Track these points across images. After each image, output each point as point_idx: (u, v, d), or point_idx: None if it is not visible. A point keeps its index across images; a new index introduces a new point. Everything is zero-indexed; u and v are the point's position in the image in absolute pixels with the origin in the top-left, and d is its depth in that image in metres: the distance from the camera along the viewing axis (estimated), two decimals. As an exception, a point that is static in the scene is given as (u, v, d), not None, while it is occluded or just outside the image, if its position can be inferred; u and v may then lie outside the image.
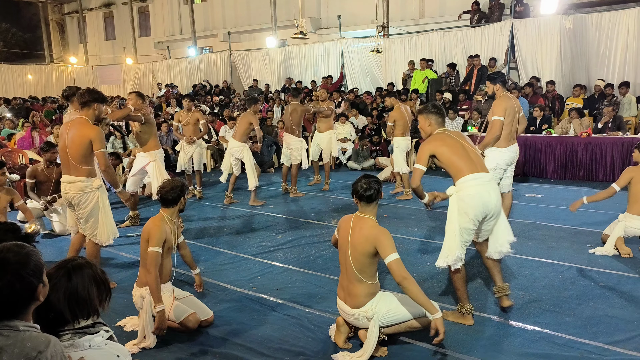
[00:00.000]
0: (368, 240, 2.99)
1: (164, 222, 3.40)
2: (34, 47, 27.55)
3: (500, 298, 3.60)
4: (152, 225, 3.37)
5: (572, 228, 5.70)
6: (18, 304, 1.62)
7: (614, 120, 8.65)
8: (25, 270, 1.61)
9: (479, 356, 3.05)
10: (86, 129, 4.05)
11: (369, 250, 2.99)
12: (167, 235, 3.37)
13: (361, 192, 3.06)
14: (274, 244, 5.44)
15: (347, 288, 3.11)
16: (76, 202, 4.15)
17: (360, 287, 3.05)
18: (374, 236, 2.98)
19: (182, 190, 3.46)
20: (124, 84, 19.95)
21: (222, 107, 13.74)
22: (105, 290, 1.86)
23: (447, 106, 10.66)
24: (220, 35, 19.76)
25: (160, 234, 3.31)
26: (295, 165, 7.77)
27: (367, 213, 3.11)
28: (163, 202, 3.45)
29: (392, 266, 2.92)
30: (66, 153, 4.12)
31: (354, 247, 3.04)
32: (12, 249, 1.64)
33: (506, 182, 5.26)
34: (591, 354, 3.05)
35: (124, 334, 3.44)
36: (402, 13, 15.87)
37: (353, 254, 3.04)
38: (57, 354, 1.56)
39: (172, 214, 3.48)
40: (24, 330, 1.58)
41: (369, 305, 3.04)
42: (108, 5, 24.77)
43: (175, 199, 3.45)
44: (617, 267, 4.48)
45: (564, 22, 10.36)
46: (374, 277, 3.11)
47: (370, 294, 3.07)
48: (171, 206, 3.46)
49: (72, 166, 4.10)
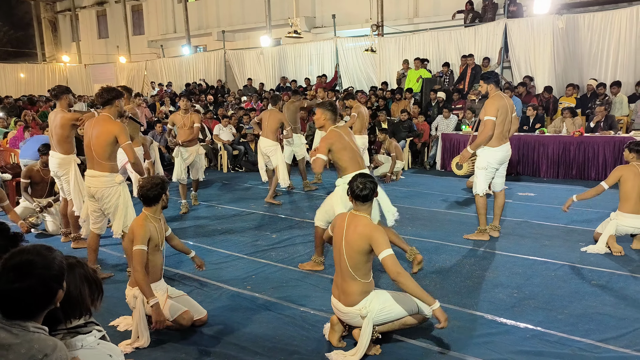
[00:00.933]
0: (363, 237, 3.01)
1: (148, 221, 3.40)
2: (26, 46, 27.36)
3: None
4: (135, 225, 3.39)
5: (565, 226, 5.73)
6: (36, 306, 1.62)
7: (606, 119, 8.71)
8: (49, 275, 1.61)
9: (472, 354, 3.07)
10: (110, 126, 4.32)
11: (363, 247, 3.02)
12: (152, 233, 3.38)
13: (357, 191, 3.09)
14: (268, 243, 5.43)
15: (341, 286, 3.13)
16: (99, 196, 4.40)
17: (354, 285, 3.07)
18: (369, 233, 3.01)
19: (162, 188, 3.45)
20: (117, 83, 19.84)
21: (216, 106, 13.70)
22: (97, 290, 1.86)
23: (441, 105, 10.71)
24: (214, 34, 19.69)
25: (144, 232, 3.31)
26: (300, 160, 7.85)
27: (362, 211, 3.14)
28: (144, 200, 3.45)
29: (386, 262, 2.95)
30: (91, 149, 4.38)
31: (348, 244, 3.06)
32: (40, 252, 1.64)
33: (499, 181, 5.29)
34: (583, 351, 3.07)
35: (118, 334, 3.43)
36: (396, 12, 15.89)
37: (348, 251, 3.06)
38: (62, 359, 1.56)
39: (155, 211, 3.48)
40: (33, 332, 1.58)
41: (362, 303, 3.06)
42: (101, 4, 24.61)
43: (157, 197, 3.44)
44: (609, 265, 4.51)
45: (556, 21, 10.41)
46: (368, 275, 3.12)
47: (364, 292, 3.08)
48: (153, 204, 3.46)
49: (95, 162, 4.37)
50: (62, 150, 5.40)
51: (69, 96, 5.49)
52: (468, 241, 5.29)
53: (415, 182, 8.83)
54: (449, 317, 3.00)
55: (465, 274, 4.39)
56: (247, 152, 10.68)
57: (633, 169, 4.83)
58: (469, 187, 7.51)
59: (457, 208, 6.84)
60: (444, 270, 4.48)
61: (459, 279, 4.27)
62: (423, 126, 10.46)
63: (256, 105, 13.29)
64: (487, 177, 5.18)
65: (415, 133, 10.34)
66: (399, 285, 2.99)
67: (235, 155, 10.76)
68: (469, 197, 7.22)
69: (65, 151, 5.40)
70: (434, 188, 8.20)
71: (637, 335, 3.25)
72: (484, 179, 5.17)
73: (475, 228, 5.47)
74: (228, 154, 10.65)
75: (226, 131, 10.95)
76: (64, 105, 5.38)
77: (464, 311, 3.64)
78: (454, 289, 4.05)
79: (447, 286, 4.13)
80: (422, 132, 10.38)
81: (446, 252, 4.97)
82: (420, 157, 10.51)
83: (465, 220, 6.14)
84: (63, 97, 5.33)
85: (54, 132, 5.49)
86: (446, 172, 9.51)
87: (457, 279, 4.27)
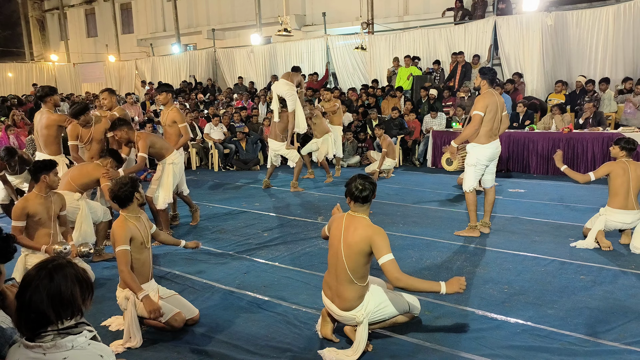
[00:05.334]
0: (364, 239, 2.94)
1: (127, 221, 3.39)
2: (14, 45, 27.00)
3: None
4: (114, 227, 3.38)
5: (555, 222, 5.79)
6: None
7: (595, 115, 8.79)
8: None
9: (463, 349, 3.09)
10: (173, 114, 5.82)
11: (364, 249, 2.95)
12: (133, 232, 3.36)
13: (356, 193, 3.02)
14: (259, 241, 5.43)
15: (335, 289, 3.08)
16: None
17: (350, 290, 3.02)
18: (370, 235, 2.94)
19: (132, 186, 3.43)
20: (107, 82, 19.69)
21: (206, 105, 13.65)
22: (88, 289, 1.85)
23: (432, 103, 10.75)
24: (204, 32, 19.60)
25: (124, 232, 3.30)
26: (299, 161, 7.96)
27: (360, 212, 3.08)
28: (118, 202, 3.44)
29: (386, 267, 2.90)
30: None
31: (348, 246, 2.98)
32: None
33: (489, 177, 5.32)
34: (572, 345, 3.11)
35: (110, 334, 3.42)
36: (387, 10, 15.93)
37: (347, 253, 2.97)
38: None
39: (132, 210, 3.46)
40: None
41: (359, 309, 3.02)
42: (89, 2, 24.37)
43: (128, 196, 3.42)
44: (598, 260, 4.56)
45: (545, 19, 10.49)
46: (365, 278, 3.08)
47: (360, 297, 3.05)
48: (128, 204, 3.44)
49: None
50: (49, 152, 5.37)
51: (55, 97, 5.47)
52: (459, 238, 5.33)
53: (406, 179, 8.87)
54: (440, 313, 3.03)
55: (456, 270, 4.42)
56: (238, 151, 10.66)
57: (622, 166, 4.88)
58: (460, 184, 7.54)
59: (447, 205, 6.88)
60: (435, 267, 4.51)
61: (450, 276, 4.26)
62: (414, 124, 10.50)
63: (247, 103, 13.26)
64: (476, 174, 5.22)
65: (406, 131, 10.38)
66: (402, 288, 2.97)
67: (227, 154, 10.74)
68: (460, 194, 7.26)
69: (52, 152, 5.37)
70: (425, 185, 8.24)
71: (625, 329, 3.29)
72: (474, 175, 5.21)
73: (465, 225, 5.50)
74: (219, 152, 10.62)
75: (217, 130, 10.92)
76: (49, 106, 5.39)
77: (455, 307, 3.66)
78: (445, 285, 4.07)
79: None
80: (413, 130, 10.42)
81: (437, 249, 5.00)
82: (411, 154, 10.55)
83: (456, 216, 6.18)
84: (48, 99, 5.35)
85: (39, 133, 5.46)
86: (437, 169, 9.56)
87: (448, 276, 4.29)
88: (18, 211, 4.08)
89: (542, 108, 10.13)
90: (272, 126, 7.92)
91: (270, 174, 8.34)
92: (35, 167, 4.22)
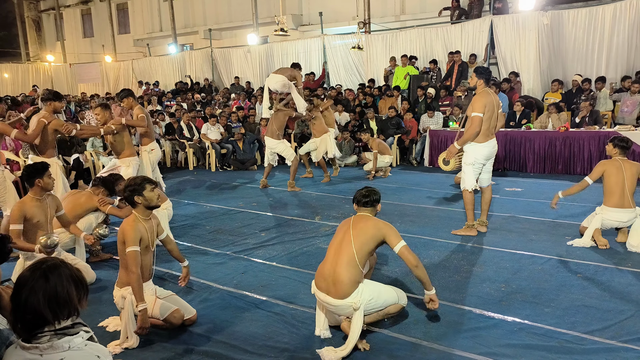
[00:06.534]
0: (375, 226, 3.23)
1: (137, 221, 3.39)
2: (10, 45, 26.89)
3: None
4: (125, 226, 3.37)
5: (551, 221, 5.80)
6: None
7: (591, 114, 8.82)
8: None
9: (460, 348, 3.09)
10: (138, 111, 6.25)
11: (376, 234, 3.21)
12: (142, 233, 3.36)
13: (360, 198, 3.39)
14: (257, 241, 5.43)
15: (332, 276, 3.14)
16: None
17: (349, 273, 3.11)
18: (381, 226, 3.23)
19: (132, 190, 3.41)
20: (103, 82, 19.64)
21: (203, 105, 13.63)
22: (83, 289, 1.84)
23: (429, 102, 10.77)
24: (201, 32, 19.56)
25: (134, 233, 3.30)
26: (294, 160, 7.99)
27: (367, 213, 3.38)
28: (129, 202, 3.48)
29: (403, 252, 3.19)
30: None
31: (361, 231, 3.21)
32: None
33: (485, 176, 5.33)
34: (569, 343, 3.12)
35: (107, 334, 3.41)
36: (383, 9, 15.93)
37: (356, 234, 3.19)
38: None
39: (142, 212, 3.45)
40: None
41: (354, 295, 3.09)
42: (86, 2, 24.30)
43: (129, 199, 3.44)
44: (594, 258, 4.57)
45: (541, 18, 10.52)
46: (364, 265, 3.23)
47: (356, 282, 3.13)
48: (135, 206, 3.43)
49: None
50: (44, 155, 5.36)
51: (56, 103, 5.44)
52: (456, 236, 5.33)
53: (403, 178, 8.87)
54: (438, 312, 3.10)
55: (453, 269, 4.42)
56: (235, 151, 10.65)
57: (616, 164, 4.89)
58: (457, 183, 7.56)
59: (445, 204, 6.88)
60: (432, 266, 4.51)
61: (447, 274, 4.30)
62: (411, 123, 10.51)
63: (244, 103, 13.25)
64: (474, 173, 5.22)
65: (403, 130, 10.39)
66: (416, 274, 3.24)
67: (224, 154, 10.73)
68: (457, 193, 7.27)
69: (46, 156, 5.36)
70: (422, 184, 8.24)
71: (622, 326, 3.30)
72: (472, 174, 5.21)
73: (463, 223, 5.51)
74: (216, 152, 10.60)
75: (214, 130, 10.91)
76: (49, 109, 5.38)
77: (453, 306, 3.67)
78: (443, 284, 4.07)
79: (435, 281, 4.14)
80: (410, 129, 10.43)
81: (434, 248, 5.00)
82: (408, 153, 10.56)
83: (453, 215, 6.19)
84: (49, 103, 5.35)
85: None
86: (434, 168, 9.57)
87: (445, 274, 4.30)
88: (16, 215, 4.07)
89: (538, 107, 10.17)
90: (269, 124, 7.98)
91: (267, 173, 8.35)
92: (29, 172, 4.19)
